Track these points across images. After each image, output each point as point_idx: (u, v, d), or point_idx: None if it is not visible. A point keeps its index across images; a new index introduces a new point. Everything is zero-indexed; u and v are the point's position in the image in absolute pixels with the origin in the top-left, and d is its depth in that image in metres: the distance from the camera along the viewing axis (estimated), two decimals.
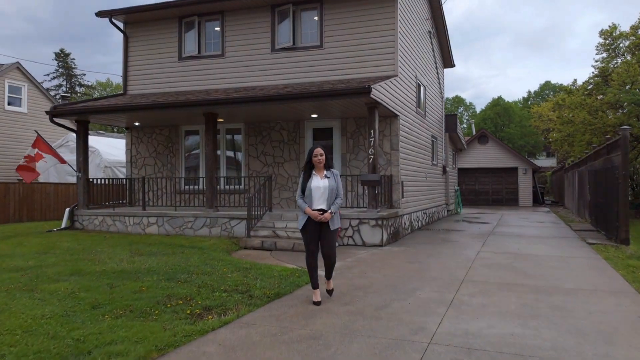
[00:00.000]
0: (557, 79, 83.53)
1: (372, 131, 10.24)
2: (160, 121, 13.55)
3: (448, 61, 19.81)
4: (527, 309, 5.06)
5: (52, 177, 19.04)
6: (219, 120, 12.48)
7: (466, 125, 51.86)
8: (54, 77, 48.32)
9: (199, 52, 13.48)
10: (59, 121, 13.02)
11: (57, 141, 20.15)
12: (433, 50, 17.08)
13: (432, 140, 16.70)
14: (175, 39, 13.77)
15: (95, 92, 51.12)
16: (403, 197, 12.02)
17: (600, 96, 27.38)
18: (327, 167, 5.35)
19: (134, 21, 14.20)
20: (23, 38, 78.52)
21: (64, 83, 48.49)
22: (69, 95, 41.33)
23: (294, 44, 12.44)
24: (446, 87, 19.97)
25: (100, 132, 29.99)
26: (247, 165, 13.23)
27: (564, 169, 27.25)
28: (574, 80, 38.54)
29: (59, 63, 48.03)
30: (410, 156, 13.10)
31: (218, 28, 13.36)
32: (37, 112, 20.83)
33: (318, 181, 5.27)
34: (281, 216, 11.03)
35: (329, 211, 5.20)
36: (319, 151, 5.27)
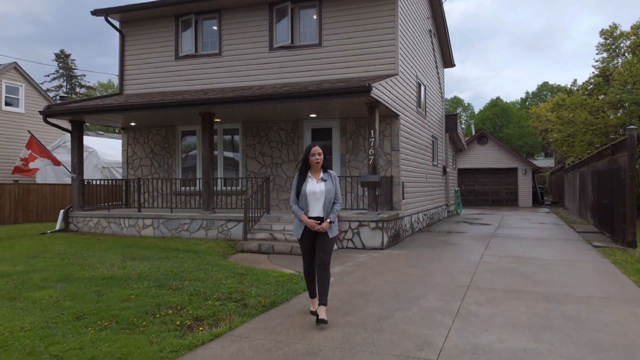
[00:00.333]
0: (555, 80, 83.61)
1: (372, 131, 9.97)
2: (157, 121, 13.30)
3: (448, 61, 19.54)
4: (538, 320, 4.78)
5: (50, 178, 18.81)
6: (216, 120, 12.24)
7: (465, 126, 51.61)
8: (54, 78, 48.15)
9: (196, 51, 13.23)
10: (53, 121, 12.74)
11: (55, 142, 19.91)
12: (433, 49, 16.82)
13: (433, 141, 16.44)
14: (171, 38, 13.51)
15: (96, 93, 50.89)
16: (404, 198, 11.76)
17: (602, 96, 27.19)
18: (324, 169, 4.79)
19: (130, 20, 13.94)
20: (27, 41, 78.63)
21: (64, 84, 48.28)
22: (67, 96, 41.10)
23: (292, 42, 12.18)
24: (444, 88, 19.77)
25: (99, 132, 29.77)
26: (244, 166, 12.97)
27: (564, 169, 27.02)
28: (574, 80, 38.32)
29: (59, 64, 47.83)
30: (410, 157, 12.84)
31: (215, 27, 13.10)
32: (34, 113, 20.53)
33: (314, 185, 4.72)
34: (279, 218, 10.77)
35: (327, 220, 4.68)
36: (318, 150, 4.71)
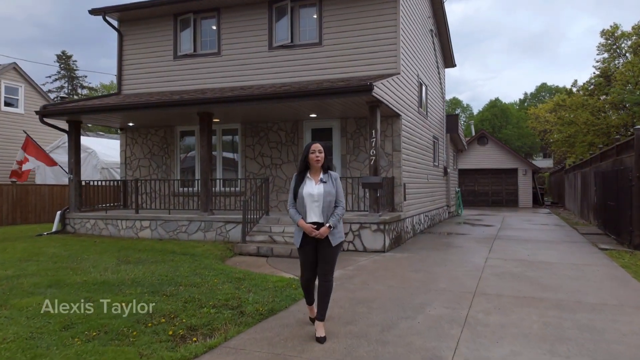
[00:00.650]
0: (553, 82, 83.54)
1: (373, 131, 9.75)
2: (155, 121, 13.09)
3: (449, 61, 19.31)
4: (552, 330, 4.55)
5: (49, 179, 18.62)
6: (215, 120, 12.03)
7: (464, 126, 51.43)
8: (56, 79, 48.00)
9: (195, 50, 13.02)
10: (50, 122, 12.50)
11: (54, 142, 19.71)
12: (435, 49, 16.61)
13: (434, 141, 16.22)
14: (170, 37, 13.30)
15: (97, 94, 50.77)
16: (405, 199, 11.53)
17: (603, 96, 26.98)
18: (325, 170, 4.41)
19: (128, 19, 13.74)
20: (31, 42, 78.74)
21: (65, 85, 48.14)
22: (67, 96, 40.96)
23: (292, 41, 11.97)
24: (445, 88, 19.60)
25: (100, 133, 29.60)
26: (244, 166, 12.75)
27: (564, 170, 26.78)
28: (575, 80, 38.17)
29: (61, 65, 47.70)
30: (412, 157, 12.62)
31: (214, 26, 12.89)
32: (34, 113, 20.36)
33: (312, 186, 4.32)
34: (278, 220, 10.55)
35: (326, 225, 4.23)
36: (318, 147, 4.34)
